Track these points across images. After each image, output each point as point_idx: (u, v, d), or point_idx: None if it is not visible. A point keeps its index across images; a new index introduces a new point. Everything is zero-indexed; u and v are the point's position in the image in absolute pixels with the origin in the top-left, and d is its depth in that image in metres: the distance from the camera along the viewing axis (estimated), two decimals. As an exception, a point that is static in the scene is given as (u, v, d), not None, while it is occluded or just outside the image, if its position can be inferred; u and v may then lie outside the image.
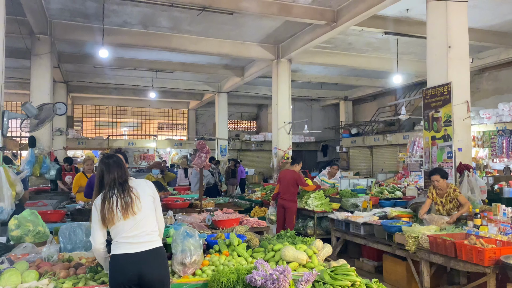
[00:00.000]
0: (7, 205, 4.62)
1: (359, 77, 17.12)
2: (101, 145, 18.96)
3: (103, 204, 2.92)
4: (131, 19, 10.22)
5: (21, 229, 4.09)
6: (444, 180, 5.80)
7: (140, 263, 2.88)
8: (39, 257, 3.70)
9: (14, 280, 3.07)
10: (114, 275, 2.88)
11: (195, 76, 16.99)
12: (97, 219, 2.93)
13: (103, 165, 3.05)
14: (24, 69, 12.33)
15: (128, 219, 2.92)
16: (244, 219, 5.98)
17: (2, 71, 5.27)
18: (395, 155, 15.96)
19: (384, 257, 5.83)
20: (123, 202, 2.92)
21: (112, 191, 2.96)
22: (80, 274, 3.31)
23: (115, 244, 2.94)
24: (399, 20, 10.06)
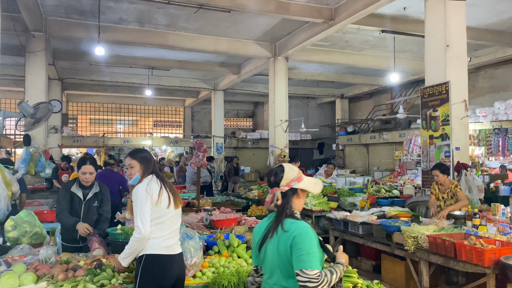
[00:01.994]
0: (3, 206, 4.56)
1: (356, 75, 17.12)
2: (97, 143, 18.84)
3: (160, 188, 2.93)
4: (127, 16, 10.13)
5: (17, 230, 4.04)
6: (444, 175, 5.85)
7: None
8: (37, 259, 3.65)
9: (11, 283, 3.02)
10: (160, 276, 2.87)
11: (191, 74, 16.91)
12: (149, 202, 2.85)
13: (147, 154, 3.11)
14: (18, 66, 12.21)
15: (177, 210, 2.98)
16: (243, 219, 5.95)
17: (-3, 70, 5.20)
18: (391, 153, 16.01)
19: (383, 257, 5.82)
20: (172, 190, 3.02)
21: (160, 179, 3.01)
22: (79, 277, 3.27)
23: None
24: (397, 18, 10.04)
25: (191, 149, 20.39)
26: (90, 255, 3.85)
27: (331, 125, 21.90)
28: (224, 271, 3.35)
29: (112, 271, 3.28)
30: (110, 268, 3.33)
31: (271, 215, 2.32)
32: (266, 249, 2.26)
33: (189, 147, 20.86)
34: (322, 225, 7.76)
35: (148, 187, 2.90)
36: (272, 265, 2.23)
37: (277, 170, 2.31)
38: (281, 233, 2.18)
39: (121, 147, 19.99)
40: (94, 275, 3.28)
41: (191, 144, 20.14)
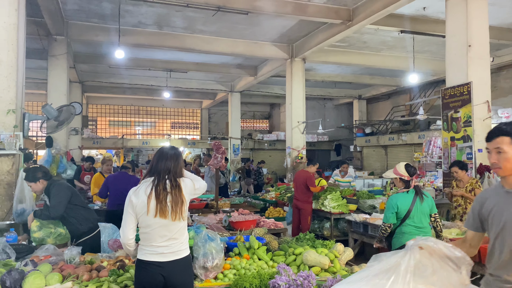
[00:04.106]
0: (28, 206, 4.67)
1: (373, 76, 16.96)
2: (116, 145, 19.11)
3: (149, 195, 2.83)
4: (146, 19, 10.26)
5: (43, 230, 4.13)
6: (463, 171, 5.93)
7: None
8: (61, 259, 3.72)
9: (38, 283, 3.09)
10: None
11: (208, 76, 17.01)
12: (131, 209, 2.88)
13: (157, 151, 3.04)
14: (40, 69, 12.46)
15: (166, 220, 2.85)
16: (261, 220, 5.96)
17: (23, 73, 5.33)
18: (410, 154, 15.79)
19: (403, 260, 5.74)
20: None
21: (164, 183, 2.87)
22: (102, 277, 3.32)
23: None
24: (416, 18, 9.92)
25: (208, 151, 20.50)
26: (113, 256, 3.91)
27: (348, 126, 21.74)
28: (245, 273, 3.37)
29: (135, 272, 3.33)
30: (133, 269, 3.38)
31: (411, 191, 4.37)
32: (418, 209, 4.30)
33: (206, 149, 20.97)
34: (341, 228, 7.71)
35: (134, 193, 2.87)
36: (422, 216, 4.31)
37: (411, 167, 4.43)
38: (426, 198, 4.37)
39: (139, 148, 20.23)
40: (117, 275, 3.34)
41: (208, 146, 20.27)
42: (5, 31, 4.96)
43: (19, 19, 5.12)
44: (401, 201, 4.29)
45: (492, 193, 2.33)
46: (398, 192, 4.46)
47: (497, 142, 2.23)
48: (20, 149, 4.91)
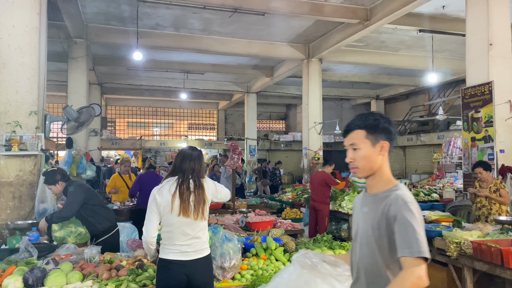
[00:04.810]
0: (50, 206, 4.77)
1: (391, 76, 16.76)
2: (134, 145, 19.35)
3: (174, 194, 2.89)
4: (164, 21, 10.36)
5: (64, 230, 4.21)
6: (488, 172, 5.82)
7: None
8: (82, 258, 3.79)
9: (59, 281, 3.16)
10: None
11: (224, 77, 17.08)
12: (155, 207, 2.91)
13: (180, 151, 3.08)
14: (60, 71, 12.70)
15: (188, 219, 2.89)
16: (278, 221, 5.95)
17: (44, 75, 5.45)
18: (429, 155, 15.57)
19: (423, 262, 5.66)
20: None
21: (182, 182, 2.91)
22: (122, 276, 3.37)
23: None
24: (435, 17, 9.77)
25: (225, 151, 20.57)
26: (132, 255, 3.96)
27: (366, 127, 21.48)
28: (263, 274, 3.37)
29: (153, 271, 3.36)
30: (152, 269, 3.42)
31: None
32: None
33: (222, 149, 21.06)
34: (358, 229, 7.63)
35: (159, 192, 2.91)
36: None
37: None
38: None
39: (157, 149, 20.43)
40: (136, 275, 3.38)
41: (225, 147, 20.35)
42: (27, 35, 5.08)
43: (40, 23, 5.24)
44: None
45: (358, 199, 2.07)
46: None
47: (351, 137, 1.92)
48: (42, 150, 5.02)
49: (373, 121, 1.89)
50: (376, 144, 1.87)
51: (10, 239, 4.21)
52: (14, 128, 4.95)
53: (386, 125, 1.89)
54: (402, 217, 1.69)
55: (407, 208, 1.71)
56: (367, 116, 1.93)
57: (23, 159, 4.98)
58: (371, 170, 1.89)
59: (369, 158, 1.87)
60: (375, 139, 1.87)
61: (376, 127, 1.87)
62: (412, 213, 1.70)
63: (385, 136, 1.88)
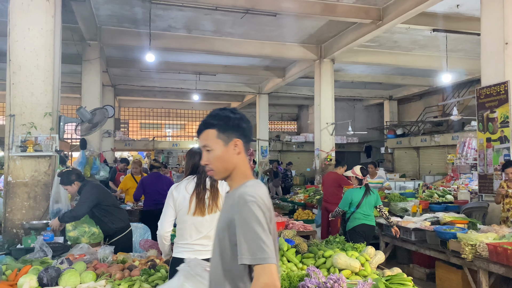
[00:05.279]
0: (64, 206, 4.83)
1: (405, 76, 16.59)
2: (147, 146, 19.50)
3: (192, 193, 2.93)
4: (176, 23, 10.42)
5: (77, 230, 4.26)
6: None
7: None
8: (95, 258, 3.82)
9: (73, 280, 3.19)
10: None
11: (236, 78, 17.11)
12: (172, 204, 2.97)
13: (193, 150, 3.12)
14: (74, 73, 12.85)
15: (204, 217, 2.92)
16: (290, 223, 5.94)
17: (59, 77, 5.52)
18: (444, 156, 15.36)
19: (437, 265, 5.59)
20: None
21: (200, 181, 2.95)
22: (134, 276, 3.39)
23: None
24: (449, 16, 9.64)
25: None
26: (144, 256, 3.99)
27: (379, 127, 21.34)
28: (274, 275, 3.35)
29: (166, 271, 3.37)
30: (164, 269, 3.43)
31: (363, 188, 5.70)
32: (366, 201, 5.60)
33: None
34: (371, 231, 7.56)
35: (176, 188, 2.96)
36: (368, 206, 5.61)
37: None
38: (372, 193, 5.68)
39: (169, 150, 20.56)
40: (149, 275, 3.39)
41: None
42: (42, 37, 5.15)
43: (55, 25, 5.31)
44: (355, 194, 5.66)
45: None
46: (354, 188, 5.79)
47: (203, 138, 1.78)
48: (56, 150, 5.08)
49: (224, 118, 1.77)
50: (229, 143, 1.75)
51: (25, 238, 4.27)
52: (29, 129, 5.02)
53: (237, 121, 1.78)
54: (242, 219, 1.54)
55: (247, 208, 1.54)
56: (217, 113, 1.80)
57: (38, 160, 5.05)
58: (227, 171, 1.75)
59: (223, 158, 1.74)
60: (227, 138, 1.75)
61: (226, 125, 1.76)
62: (253, 213, 1.53)
63: (237, 134, 1.77)
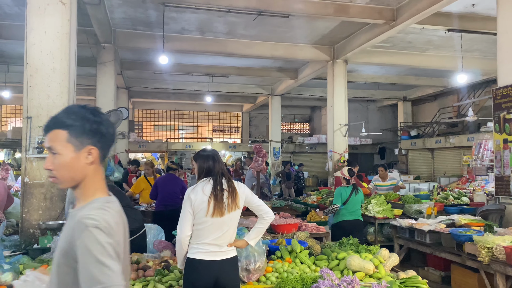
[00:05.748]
0: (79, 207, 4.88)
1: (419, 77, 16.42)
2: (160, 148, 19.65)
3: (210, 195, 2.93)
4: (189, 25, 10.49)
5: (92, 230, 4.30)
6: None
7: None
8: (110, 258, 3.86)
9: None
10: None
11: (248, 80, 17.14)
12: (190, 207, 2.94)
13: (206, 153, 3.11)
14: (89, 76, 13.03)
15: (222, 217, 2.93)
16: (303, 224, 5.92)
17: (74, 80, 5.59)
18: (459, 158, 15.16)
19: (453, 268, 5.51)
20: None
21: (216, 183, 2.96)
22: (148, 277, 3.42)
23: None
24: (464, 16, 9.52)
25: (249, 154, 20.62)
26: (158, 256, 4.02)
27: (393, 129, 21.15)
28: (288, 277, 3.35)
29: (179, 272, 3.39)
30: (178, 270, 3.45)
31: (350, 187, 6.26)
32: (352, 199, 6.16)
33: (247, 152, 21.11)
34: (385, 233, 7.51)
35: (193, 191, 2.95)
36: (355, 205, 6.23)
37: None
38: (359, 192, 6.30)
39: (183, 151, 20.68)
40: (162, 275, 3.42)
41: (249, 149, 20.39)
42: (58, 41, 5.23)
43: (71, 29, 5.39)
44: (343, 192, 6.28)
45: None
46: (342, 186, 6.44)
47: (50, 139, 1.51)
48: (72, 152, 5.14)
49: (80, 119, 1.49)
50: (81, 150, 1.49)
51: (42, 238, 4.33)
52: (46, 131, 5.11)
53: (96, 126, 1.50)
54: (83, 245, 1.36)
55: (87, 233, 1.36)
56: (73, 111, 1.52)
57: (54, 161, 5.13)
58: (73, 181, 1.51)
59: (70, 166, 1.48)
60: (80, 144, 1.49)
61: (82, 128, 1.49)
62: (95, 239, 1.36)
63: (93, 140, 1.51)
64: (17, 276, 3.27)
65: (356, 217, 6.25)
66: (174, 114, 22.77)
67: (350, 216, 6.17)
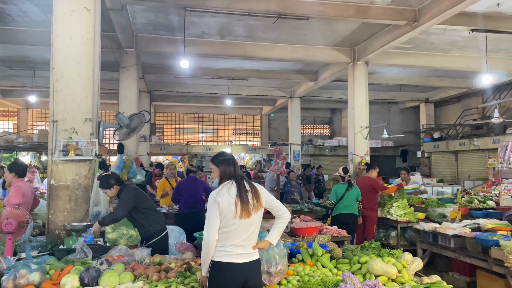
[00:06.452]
0: (103, 209, 4.99)
1: (442, 78, 16.12)
2: (181, 151, 19.85)
3: (236, 198, 2.94)
4: (209, 29, 10.58)
5: (116, 232, 4.39)
6: None
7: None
8: (133, 260, 3.92)
9: (113, 281, 3.29)
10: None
11: (268, 82, 17.16)
12: (217, 210, 2.94)
13: (226, 157, 3.13)
14: (112, 80, 13.28)
15: (249, 218, 2.95)
16: (324, 228, 5.88)
17: (98, 84, 5.72)
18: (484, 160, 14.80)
19: (478, 273, 5.38)
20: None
21: (240, 186, 2.99)
22: (171, 278, 3.45)
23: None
24: (489, 15, 9.30)
25: (268, 157, 20.61)
26: (180, 258, 4.06)
27: (415, 131, 20.81)
28: (309, 280, 3.33)
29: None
30: (200, 271, 3.47)
31: (345, 184, 7.27)
32: (347, 194, 7.11)
33: (266, 155, 21.11)
34: (408, 237, 7.40)
35: (218, 194, 2.93)
36: (351, 200, 7.09)
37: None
38: (354, 188, 7.20)
39: (203, 154, 20.85)
40: (184, 277, 3.45)
41: (268, 152, 20.40)
42: (83, 46, 5.37)
43: (95, 34, 5.51)
44: (339, 189, 7.25)
45: None
46: (338, 184, 7.55)
47: None
48: (96, 155, 5.26)
49: None
50: None
51: (67, 239, 4.43)
52: (71, 134, 5.23)
53: None
54: None
55: None
56: None
57: (78, 163, 5.24)
58: None
59: None
60: None
61: None
62: None
63: None
64: (44, 276, 3.36)
65: (352, 211, 7.07)
66: (195, 117, 22.99)
67: (346, 210, 7.05)
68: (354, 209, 7.08)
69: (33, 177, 11.22)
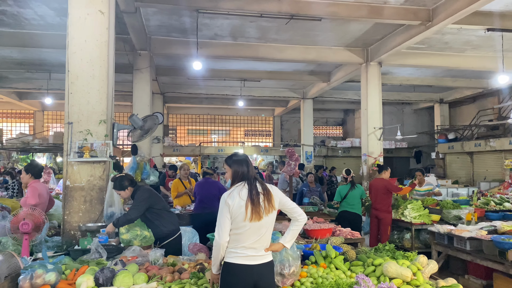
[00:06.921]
0: (117, 210, 5.03)
1: (456, 78, 15.91)
2: (194, 152, 19.96)
3: (246, 200, 2.91)
4: (222, 31, 10.62)
5: (130, 233, 4.42)
6: None
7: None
8: (147, 260, 3.95)
9: (127, 281, 3.32)
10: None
11: (280, 83, 17.15)
12: (228, 212, 2.92)
13: (239, 158, 3.10)
14: (125, 82, 13.42)
15: (260, 221, 2.92)
16: (337, 229, 5.85)
17: (112, 86, 5.78)
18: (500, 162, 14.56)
19: (495, 276, 5.29)
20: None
21: (251, 187, 2.96)
22: (184, 279, 3.47)
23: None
24: (505, 14, 9.16)
25: (281, 158, 20.58)
26: (193, 259, 4.07)
27: (429, 132, 20.57)
28: (323, 282, 3.31)
29: (214, 275, 3.42)
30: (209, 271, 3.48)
31: (348, 184, 7.75)
32: (350, 194, 7.57)
33: (278, 156, 21.08)
34: (423, 239, 7.31)
35: (229, 196, 2.92)
36: (354, 199, 7.55)
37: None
38: (358, 187, 7.68)
39: (215, 155, 20.93)
40: (198, 278, 3.46)
41: (281, 153, 20.37)
42: (97, 49, 5.42)
43: (109, 37, 5.57)
44: (343, 189, 7.70)
45: None
46: (341, 184, 8.19)
47: None
48: (110, 156, 5.30)
49: None
50: None
51: (82, 240, 4.48)
52: (86, 136, 5.29)
53: None
54: None
55: None
56: None
57: (93, 165, 5.30)
58: None
59: None
60: None
61: None
62: None
63: None
64: (60, 276, 3.40)
65: (356, 211, 7.49)
66: (207, 118, 23.10)
67: (350, 208, 7.48)
68: (358, 208, 7.51)
69: (49, 178, 11.40)
